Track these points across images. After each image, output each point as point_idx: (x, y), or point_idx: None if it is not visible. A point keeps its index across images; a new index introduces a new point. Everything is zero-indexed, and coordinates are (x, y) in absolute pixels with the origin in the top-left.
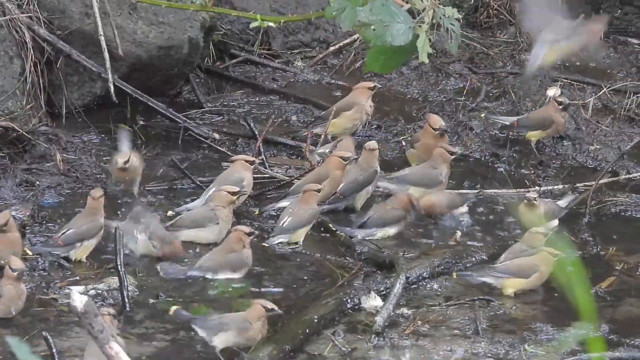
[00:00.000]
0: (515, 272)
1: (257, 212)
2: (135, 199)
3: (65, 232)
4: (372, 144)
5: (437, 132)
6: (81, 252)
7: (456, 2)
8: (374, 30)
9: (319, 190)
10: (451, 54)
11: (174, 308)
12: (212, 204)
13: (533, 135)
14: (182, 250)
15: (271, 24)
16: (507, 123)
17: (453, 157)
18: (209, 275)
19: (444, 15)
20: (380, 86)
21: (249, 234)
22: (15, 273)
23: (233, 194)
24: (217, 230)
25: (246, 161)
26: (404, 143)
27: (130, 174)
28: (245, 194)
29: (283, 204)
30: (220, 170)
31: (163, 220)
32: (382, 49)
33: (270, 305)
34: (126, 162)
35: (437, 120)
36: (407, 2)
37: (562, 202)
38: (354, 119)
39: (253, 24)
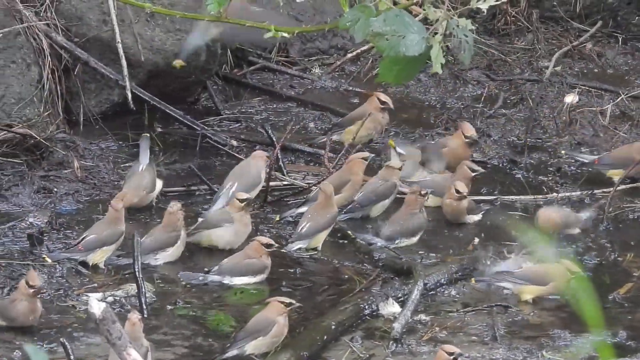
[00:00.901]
0: (533, 279)
1: (276, 219)
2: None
3: (86, 237)
4: (395, 163)
5: (467, 139)
6: (99, 256)
7: (473, 11)
8: (388, 40)
9: (333, 190)
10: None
11: None
12: (227, 208)
13: (614, 174)
14: None
15: (285, 34)
16: (587, 161)
17: (474, 174)
18: (226, 280)
19: (457, 26)
20: (392, 107)
21: (268, 246)
22: (32, 290)
23: (241, 201)
24: (233, 230)
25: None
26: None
27: (146, 198)
28: (253, 197)
29: (303, 210)
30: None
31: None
32: (396, 59)
33: (287, 299)
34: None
35: (470, 129)
36: (421, 9)
37: (583, 215)
38: (368, 128)
39: (267, 35)
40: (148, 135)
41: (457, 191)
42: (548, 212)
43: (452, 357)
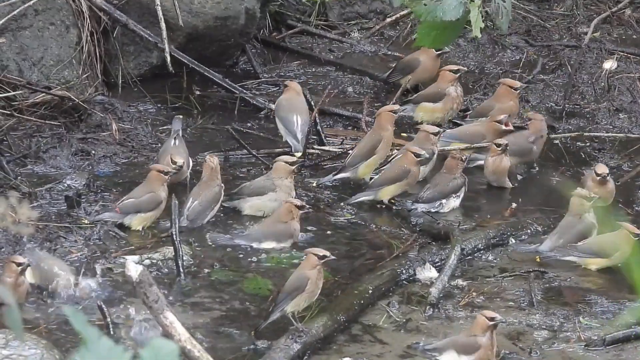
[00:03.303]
0: (597, 251)
1: (314, 184)
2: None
3: (124, 201)
4: (431, 127)
5: (517, 90)
6: (137, 221)
7: None
8: (425, 5)
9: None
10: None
11: None
12: (271, 175)
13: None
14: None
15: None
16: None
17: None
18: (254, 244)
19: None
20: (465, 69)
21: (300, 207)
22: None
23: (291, 163)
24: (275, 198)
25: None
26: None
27: (180, 175)
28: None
29: (341, 175)
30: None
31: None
32: (434, 24)
33: (322, 252)
34: (181, 165)
35: (515, 82)
36: None
37: None
38: (444, 109)
39: None
40: (181, 116)
41: (498, 145)
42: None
43: (492, 323)
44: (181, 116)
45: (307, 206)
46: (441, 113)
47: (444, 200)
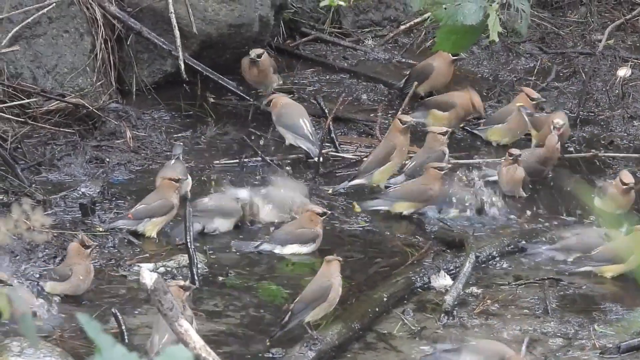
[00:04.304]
0: (611, 257)
1: (330, 191)
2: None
3: (137, 207)
4: (439, 128)
5: (534, 101)
6: (150, 227)
7: None
8: (446, 9)
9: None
10: (521, 34)
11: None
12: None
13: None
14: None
15: (341, 2)
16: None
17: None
18: (277, 250)
19: None
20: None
21: (321, 215)
22: (88, 250)
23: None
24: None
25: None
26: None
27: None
28: None
29: (355, 182)
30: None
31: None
32: (453, 29)
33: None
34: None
35: (533, 92)
36: None
37: None
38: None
39: (323, 3)
40: (181, 143)
41: (510, 154)
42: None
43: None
44: (181, 143)
45: (328, 212)
46: (448, 121)
47: (454, 210)
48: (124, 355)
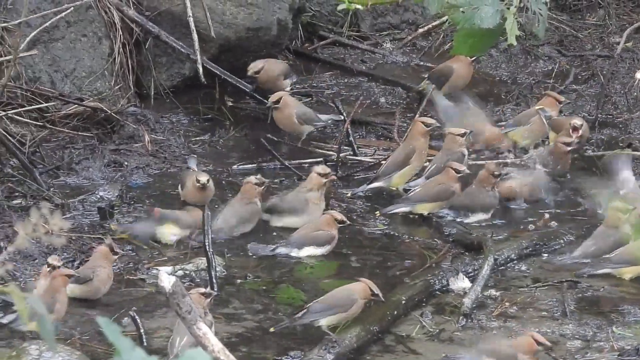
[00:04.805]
0: (630, 259)
1: (348, 194)
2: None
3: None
4: (457, 129)
5: (561, 104)
6: (167, 230)
7: None
8: (463, 12)
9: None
10: (538, 37)
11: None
12: (302, 188)
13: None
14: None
15: (359, 6)
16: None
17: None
18: (294, 252)
19: None
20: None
21: (341, 222)
22: (115, 257)
23: (324, 175)
24: (308, 219)
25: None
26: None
27: (207, 193)
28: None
29: (374, 185)
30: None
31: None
32: (471, 32)
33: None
34: (208, 180)
35: (560, 97)
36: None
37: None
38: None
39: (341, 6)
40: (195, 156)
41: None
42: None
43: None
44: (195, 155)
45: (347, 221)
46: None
47: (474, 214)
48: (143, 359)
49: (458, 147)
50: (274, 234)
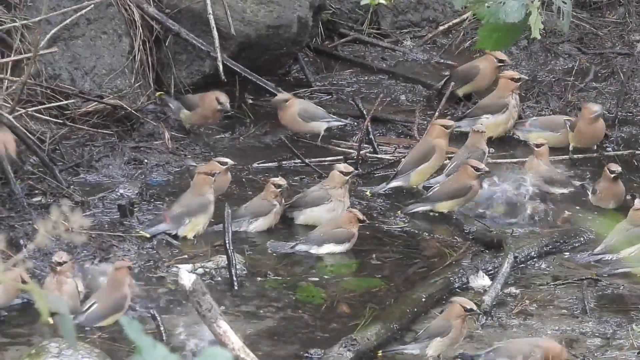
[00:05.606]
0: None
1: (368, 193)
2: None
3: (173, 212)
4: (480, 126)
5: (593, 115)
6: (189, 228)
7: None
8: (488, 7)
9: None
10: (561, 33)
11: None
12: (325, 184)
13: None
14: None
15: (382, 1)
16: None
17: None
18: (313, 250)
19: None
20: (527, 78)
21: (361, 221)
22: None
23: (346, 173)
24: (331, 208)
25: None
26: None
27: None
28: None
29: (393, 184)
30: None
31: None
32: (495, 26)
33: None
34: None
35: (593, 106)
36: None
37: None
38: (506, 121)
39: (363, 2)
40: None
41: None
42: None
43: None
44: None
45: (367, 221)
46: (504, 126)
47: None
48: (165, 357)
49: (480, 144)
50: (293, 231)
